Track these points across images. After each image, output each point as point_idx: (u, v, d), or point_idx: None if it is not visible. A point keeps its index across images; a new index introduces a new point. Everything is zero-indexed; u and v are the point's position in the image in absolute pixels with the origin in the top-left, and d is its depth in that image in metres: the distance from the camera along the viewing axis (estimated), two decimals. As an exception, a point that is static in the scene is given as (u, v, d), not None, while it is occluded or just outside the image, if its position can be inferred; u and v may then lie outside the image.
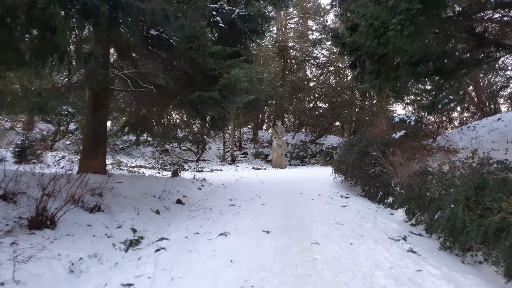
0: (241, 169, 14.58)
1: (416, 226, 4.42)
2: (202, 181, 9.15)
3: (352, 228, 4.24)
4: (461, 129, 9.23)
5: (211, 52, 5.14)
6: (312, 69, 19.69)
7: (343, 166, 7.63)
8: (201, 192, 7.89)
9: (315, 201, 6.29)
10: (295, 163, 16.89)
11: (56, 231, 3.70)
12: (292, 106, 18.60)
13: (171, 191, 6.92)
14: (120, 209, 5.12)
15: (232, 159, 15.60)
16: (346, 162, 7.44)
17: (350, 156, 7.34)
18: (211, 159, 16.21)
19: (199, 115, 5.97)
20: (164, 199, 6.32)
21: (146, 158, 15.51)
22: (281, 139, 15.55)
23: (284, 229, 4.20)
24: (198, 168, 14.60)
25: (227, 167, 14.82)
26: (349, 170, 7.39)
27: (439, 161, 7.01)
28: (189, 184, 8.36)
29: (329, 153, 17.45)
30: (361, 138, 9.39)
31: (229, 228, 4.34)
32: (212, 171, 14.08)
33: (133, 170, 12.68)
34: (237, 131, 18.32)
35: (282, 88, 15.79)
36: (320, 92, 18.38)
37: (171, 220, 5.13)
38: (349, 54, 7.64)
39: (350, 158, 7.28)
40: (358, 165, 7.12)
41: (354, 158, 7.19)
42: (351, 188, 8.21)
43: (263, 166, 15.30)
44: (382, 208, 5.83)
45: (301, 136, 20.97)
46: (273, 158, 15.50)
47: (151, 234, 4.38)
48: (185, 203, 6.59)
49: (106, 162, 8.35)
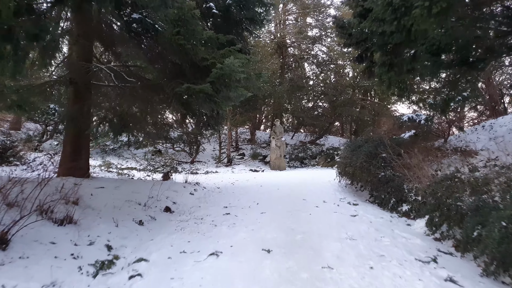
0: (238, 171, 13.92)
1: (442, 242, 3.78)
2: (195, 185, 8.47)
3: (368, 245, 3.59)
4: (475, 128, 8.62)
5: (202, 39, 4.47)
6: (312, 66, 19.08)
7: (349, 169, 6.99)
8: (194, 197, 7.21)
9: (321, 209, 5.63)
10: (295, 165, 16.25)
11: (7, 253, 3.01)
12: (291, 106, 17.96)
13: (160, 197, 6.24)
14: (96, 220, 4.44)
15: (229, 161, 14.92)
16: (353, 164, 6.79)
17: (358, 158, 6.70)
18: (207, 161, 15.52)
19: (189, 111, 5.30)
20: (150, 206, 5.63)
21: (138, 160, 14.79)
22: (280, 140, 14.90)
23: (287, 246, 3.53)
24: (192, 170, 13.91)
25: (223, 169, 14.14)
26: (356, 174, 6.75)
27: (456, 163, 6.39)
28: (181, 188, 7.69)
29: (330, 154, 16.82)
30: (366, 138, 8.79)
31: (222, 244, 3.67)
32: (207, 173, 13.39)
33: (122, 172, 11.96)
34: (234, 131, 17.65)
35: (281, 86, 15.15)
36: (320, 91, 17.75)
37: (155, 233, 4.45)
38: (356, 46, 7.01)
39: (357, 161, 6.64)
40: (367, 168, 6.48)
41: (362, 161, 6.54)
42: (357, 193, 7.57)
43: (261, 168, 14.64)
44: (397, 217, 5.19)
45: (300, 136, 20.33)
46: (272, 159, 14.85)
47: (130, 252, 3.70)
48: (175, 211, 5.91)
49: (89, 164, 7.66)
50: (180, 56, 4.51)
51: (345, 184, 8.23)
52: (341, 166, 7.71)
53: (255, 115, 19.19)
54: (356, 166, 6.66)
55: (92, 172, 11.29)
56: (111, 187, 6.31)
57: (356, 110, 17.09)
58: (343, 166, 7.49)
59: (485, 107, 10.81)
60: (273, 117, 17.89)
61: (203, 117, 5.76)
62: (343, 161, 7.54)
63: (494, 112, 10.19)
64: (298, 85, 17.01)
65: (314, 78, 18.32)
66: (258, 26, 7.20)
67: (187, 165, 14.80)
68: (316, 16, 19.63)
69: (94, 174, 10.70)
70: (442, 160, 6.69)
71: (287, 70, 18.78)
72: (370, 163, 6.59)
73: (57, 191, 4.67)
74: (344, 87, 16.44)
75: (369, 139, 8.59)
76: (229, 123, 14.75)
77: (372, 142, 8.09)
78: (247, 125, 18.95)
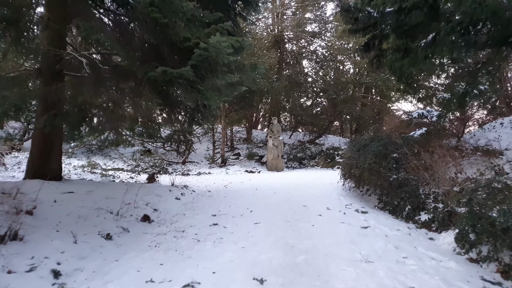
0: (233, 172, 13.11)
1: (481, 265, 3.00)
2: (183, 188, 7.66)
3: (390, 270, 2.81)
4: (493, 126, 7.88)
5: (183, 14, 3.67)
6: (311, 62, 18.30)
7: (355, 171, 6.22)
8: (179, 203, 6.41)
9: (324, 218, 4.85)
10: (293, 165, 15.48)
11: None
12: (289, 103, 17.19)
13: (139, 203, 5.45)
14: (51, 234, 3.63)
15: (223, 161, 14.11)
16: (360, 166, 6.02)
17: (366, 159, 5.93)
18: (199, 161, 14.70)
19: (167, 102, 4.48)
20: (124, 215, 4.82)
21: (125, 160, 13.94)
22: (277, 139, 14.12)
23: (286, 273, 2.75)
24: (183, 171, 13.10)
25: (217, 170, 13.33)
26: (364, 176, 5.98)
27: (477, 165, 5.64)
28: (166, 192, 6.89)
29: (330, 154, 16.06)
30: (372, 137, 8.05)
31: (202, 270, 2.88)
32: (200, 175, 12.58)
33: (107, 173, 11.10)
34: (229, 129, 16.84)
35: (278, 82, 14.36)
36: (320, 88, 16.98)
37: (124, 250, 3.64)
38: (363, 31, 6.22)
39: (365, 162, 5.87)
40: (376, 170, 5.71)
41: (370, 162, 5.77)
42: (364, 198, 6.80)
43: (257, 169, 13.84)
44: (415, 229, 4.41)
45: (298, 136, 19.56)
46: (268, 159, 14.06)
47: (83, 280, 2.89)
48: (154, 221, 5.10)
49: (61, 165, 6.82)
50: (156, 35, 3.71)
51: (349, 187, 7.46)
52: (346, 167, 6.93)
53: (252, 113, 18.40)
54: (363, 167, 5.89)
55: (73, 173, 10.46)
56: (82, 192, 5.49)
57: (357, 108, 16.33)
58: (348, 168, 6.72)
59: (499, 103, 10.10)
60: (270, 115, 17.10)
61: (186, 111, 4.94)
62: (348, 162, 6.76)
63: (510, 108, 9.48)
64: (296, 82, 16.24)
65: (314, 74, 17.53)
66: (252, 9, 6.40)
67: (178, 166, 13.97)
68: (315, 11, 18.86)
69: (74, 175, 9.87)
70: (461, 160, 5.93)
71: (285, 66, 17.99)
72: (379, 164, 5.83)
73: (9, 198, 3.88)
74: (345, 84, 15.65)
75: (375, 138, 7.86)
76: (223, 121, 13.94)
77: (379, 141, 7.36)
78: (242, 123, 18.18)
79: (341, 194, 7.03)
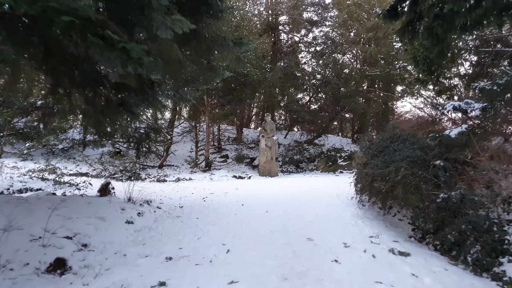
0: (218, 178, 11.26)
1: None
2: (143, 205, 5.81)
3: None
4: (553, 122, 6.16)
5: None
6: (310, 52, 16.42)
7: (380, 184, 4.43)
8: (130, 230, 4.58)
9: (345, 267, 3.05)
10: (289, 169, 13.68)
11: None
12: (285, 99, 15.40)
13: (54, 236, 3.60)
14: None
15: (207, 165, 12.24)
16: (388, 177, 4.23)
17: (397, 169, 4.13)
18: (180, 164, 12.80)
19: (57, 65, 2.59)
20: (14, 262, 2.95)
21: (91, 163, 11.97)
22: (271, 139, 12.31)
23: None
24: (159, 177, 11.21)
25: (199, 176, 11.46)
26: (396, 194, 4.18)
27: None
28: (115, 213, 5.05)
29: (331, 156, 14.32)
30: (391, 136, 6.33)
31: None
32: (178, 181, 10.71)
33: (62, 180, 9.13)
34: (214, 127, 14.98)
35: (272, 72, 12.55)
36: (321, 79, 15.18)
37: None
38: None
39: (397, 172, 4.07)
40: (415, 185, 3.92)
41: (406, 173, 3.98)
42: (386, 219, 5.03)
43: (247, 174, 12.00)
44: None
45: (295, 135, 17.77)
46: (261, 163, 12.24)
47: None
48: (72, 268, 3.26)
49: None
50: None
51: (359, 198, 5.70)
52: (363, 178, 5.14)
53: (243, 110, 16.54)
54: (395, 180, 4.09)
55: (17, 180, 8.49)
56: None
57: (363, 103, 14.56)
58: (367, 179, 4.93)
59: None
60: (263, 111, 15.27)
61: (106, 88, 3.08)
62: (368, 171, 4.97)
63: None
64: (293, 74, 14.45)
65: (313, 64, 15.68)
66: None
67: (154, 170, 12.06)
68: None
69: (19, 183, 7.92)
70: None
71: (280, 56, 16.16)
72: (417, 175, 4.05)
73: None
74: (350, 75, 13.84)
75: (396, 137, 6.14)
76: (207, 117, 12.07)
77: (403, 142, 5.62)
78: (230, 120, 16.35)
79: (357, 214, 5.23)
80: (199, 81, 6.71)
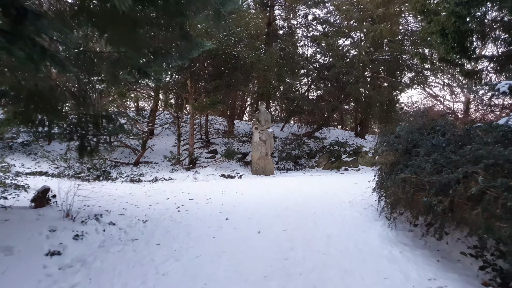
0: (203, 178, 9.69)
1: None
2: (86, 222, 4.25)
3: None
4: None
5: None
6: (310, 29, 14.59)
7: (433, 199, 2.91)
8: (50, 268, 3.07)
9: None
10: (286, 166, 12.15)
11: None
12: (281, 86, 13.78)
13: None
14: None
15: (191, 161, 10.65)
16: (453, 189, 2.70)
17: (467, 176, 2.61)
18: (160, 161, 11.18)
19: None
20: None
21: (53, 160, 10.31)
22: (266, 131, 10.75)
23: None
24: (133, 176, 9.61)
25: (182, 174, 9.88)
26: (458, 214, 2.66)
27: None
28: (37, 236, 3.52)
29: (334, 151, 12.82)
30: (421, 126, 4.96)
31: None
32: (156, 181, 9.14)
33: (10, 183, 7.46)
34: (201, 118, 13.36)
35: (267, 53, 10.92)
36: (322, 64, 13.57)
37: None
38: None
39: (468, 183, 2.55)
40: (503, 205, 2.40)
41: (487, 185, 2.46)
42: (428, 242, 3.54)
43: (237, 172, 10.45)
44: None
45: (293, 127, 16.21)
46: (254, 159, 10.69)
47: None
48: None
49: None
50: None
51: (390, 214, 4.21)
52: (397, 186, 3.62)
53: (234, 99, 14.88)
54: (464, 196, 2.57)
55: None
56: None
57: (371, 89, 12.97)
58: (406, 189, 3.40)
59: None
60: (257, 100, 13.64)
61: None
62: (406, 176, 3.45)
63: None
64: (291, 57, 12.82)
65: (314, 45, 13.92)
66: None
67: (128, 168, 10.44)
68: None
69: None
70: None
71: (275, 38, 14.46)
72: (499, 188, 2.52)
73: None
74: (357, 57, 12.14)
75: (425, 128, 4.80)
76: (191, 106, 10.43)
77: (443, 134, 4.22)
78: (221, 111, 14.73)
79: (387, 236, 3.73)
80: (171, 55, 5.15)
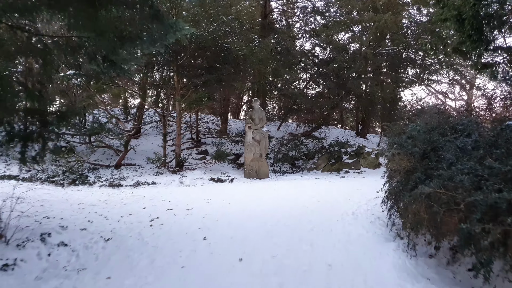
0: (190, 182, 8.84)
1: None
2: (25, 244, 3.40)
3: None
4: None
5: None
6: (309, 19, 13.69)
7: (475, 226, 2.06)
8: None
9: None
10: (282, 169, 11.31)
11: None
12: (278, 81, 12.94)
13: None
14: None
15: (178, 164, 9.79)
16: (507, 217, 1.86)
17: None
18: (144, 163, 10.31)
19: None
20: None
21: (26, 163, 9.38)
22: (260, 131, 9.90)
23: None
24: (113, 180, 8.73)
25: (167, 178, 9.02)
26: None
27: None
28: None
29: (334, 152, 11.98)
30: (438, 125, 4.21)
31: None
32: (137, 187, 8.29)
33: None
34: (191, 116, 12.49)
35: (262, 45, 10.06)
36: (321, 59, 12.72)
37: None
38: None
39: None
40: None
41: None
42: (457, 274, 2.72)
43: (229, 175, 9.59)
44: None
45: (290, 126, 15.36)
46: (247, 161, 9.85)
47: None
48: None
49: None
50: None
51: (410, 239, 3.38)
52: (420, 203, 2.78)
53: (227, 95, 14.01)
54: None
55: None
56: None
57: (374, 86, 12.12)
58: (433, 209, 2.57)
59: None
60: (252, 97, 12.78)
61: None
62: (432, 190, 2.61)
63: None
64: (288, 50, 11.97)
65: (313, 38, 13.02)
66: None
67: (108, 171, 9.57)
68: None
69: None
70: None
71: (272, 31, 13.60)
72: None
73: None
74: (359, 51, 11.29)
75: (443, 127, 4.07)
76: (177, 103, 9.56)
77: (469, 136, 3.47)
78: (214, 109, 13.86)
79: (404, 268, 2.89)
80: (142, 40, 4.30)
